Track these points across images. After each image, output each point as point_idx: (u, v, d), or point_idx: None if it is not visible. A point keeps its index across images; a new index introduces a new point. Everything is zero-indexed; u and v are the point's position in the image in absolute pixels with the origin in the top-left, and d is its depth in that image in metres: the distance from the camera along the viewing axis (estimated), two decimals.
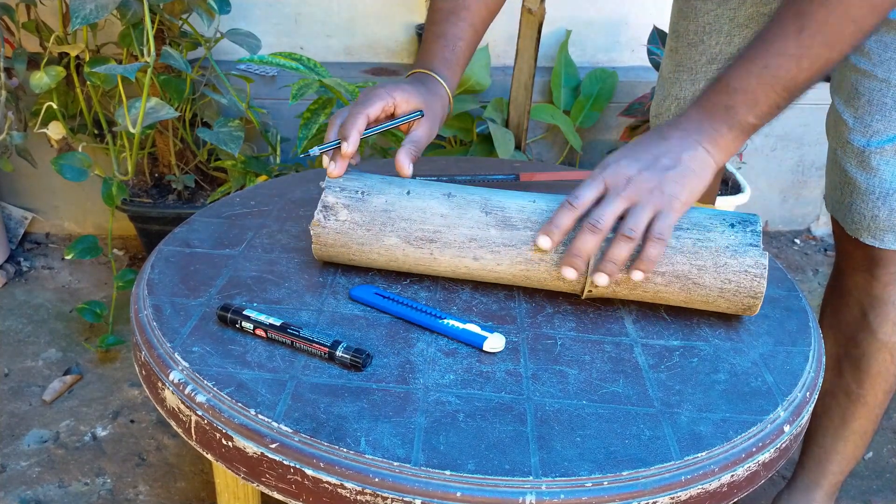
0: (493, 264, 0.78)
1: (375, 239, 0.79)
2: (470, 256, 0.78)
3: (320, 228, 0.80)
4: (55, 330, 1.80)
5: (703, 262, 0.75)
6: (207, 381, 0.66)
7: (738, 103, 0.76)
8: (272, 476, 0.62)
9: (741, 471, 0.63)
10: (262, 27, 2.00)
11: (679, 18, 1.19)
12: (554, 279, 0.78)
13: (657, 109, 1.28)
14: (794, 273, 2.20)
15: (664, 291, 0.77)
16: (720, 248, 0.75)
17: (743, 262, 0.75)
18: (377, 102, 0.84)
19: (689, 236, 0.76)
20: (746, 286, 0.75)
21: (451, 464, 0.59)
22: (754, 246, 0.75)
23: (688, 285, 0.76)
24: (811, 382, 0.74)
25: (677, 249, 0.75)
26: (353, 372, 0.69)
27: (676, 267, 0.75)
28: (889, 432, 1.62)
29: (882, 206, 1.02)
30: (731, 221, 0.77)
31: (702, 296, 0.77)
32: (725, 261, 0.75)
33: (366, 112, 0.83)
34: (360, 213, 0.79)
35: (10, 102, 1.64)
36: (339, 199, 0.80)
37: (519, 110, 1.89)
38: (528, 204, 0.79)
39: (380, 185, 0.81)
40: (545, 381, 0.70)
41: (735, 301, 0.76)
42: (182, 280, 0.82)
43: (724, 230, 0.76)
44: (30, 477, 1.40)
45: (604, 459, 0.61)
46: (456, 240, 0.78)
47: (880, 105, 0.99)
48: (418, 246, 0.79)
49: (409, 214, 0.79)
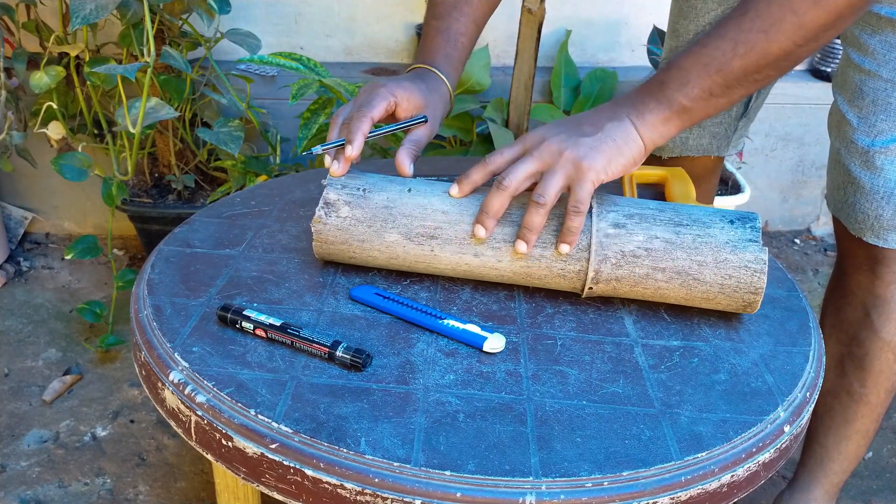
0: (494, 261, 0.78)
1: (376, 235, 0.79)
2: (471, 253, 0.78)
3: (321, 225, 0.80)
4: (55, 330, 1.80)
5: (703, 257, 0.75)
6: (207, 382, 0.66)
7: (670, 79, 0.76)
8: (272, 476, 0.62)
9: (741, 471, 0.63)
10: (262, 27, 2.00)
11: (679, 18, 1.19)
12: (555, 276, 0.78)
13: None
14: (794, 273, 2.20)
15: (665, 288, 0.77)
16: (720, 244, 0.76)
17: (743, 257, 0.75)
18: (380, 103, 0.84)
19: (690, 232, 0.76)
20: (746, 281, 0.75)
21: (452, 464, 0.59)
22: (754, 241, 0.76)
23: (688, 281, 0.76)
24: (811, 382, 0.74)
25: (678, 245, 0.76)
26: (354, 372, 0.69)
27: (677, 263, 0.76)
28: (889, 432, 1.62)
29: (886, 205, 1.02)
30: (730, 218, 0.78)
31: (702, 292, 0.77)
32: (725, 256, 0.75)
33: (370, 115, 0.83)
34: (362, 210, 0.79)
35: (10, 102, 1.64)
36: (341, 195, 0.80)
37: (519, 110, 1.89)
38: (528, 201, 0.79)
39: (381, 182, 0.82)
40: (545, 382, 0.70)
41: (735, 297, 0.76)
42: (182, 280, 0.82)
43: (723, 226, 0.77)
44: (30, 477, 1.40)
45: (604, 460, 0.61)
46: (457, 236, 0.78)
47: (885, 105, 0.99)
48: (419, 242, 0.79)
49: (411, 211, 0.79)
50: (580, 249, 0.77)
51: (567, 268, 0.77)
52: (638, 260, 0.76)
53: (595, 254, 0.76)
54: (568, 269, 0.77)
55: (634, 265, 0.76)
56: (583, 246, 0.76)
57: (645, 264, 0.76)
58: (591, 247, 0.76)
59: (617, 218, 0.77)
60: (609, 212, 0.77)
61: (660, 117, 0.76)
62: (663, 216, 0.77)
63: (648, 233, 0.76)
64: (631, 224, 0.77)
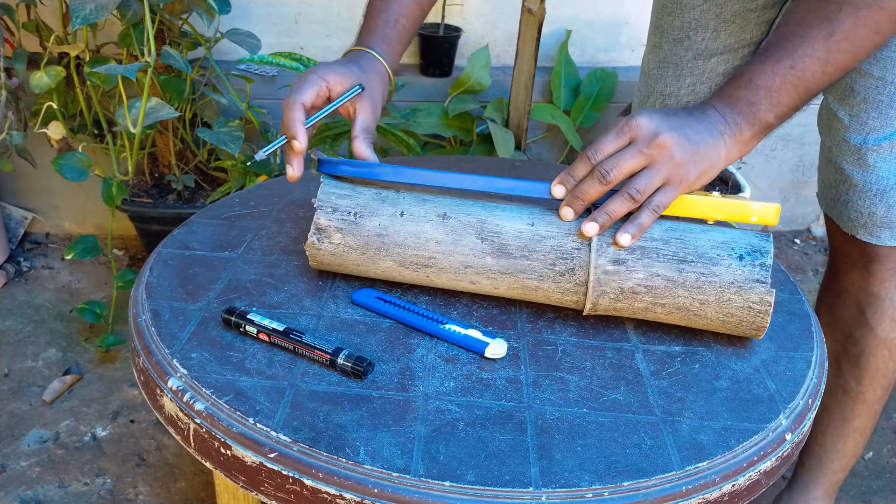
0: (490, 288, 0.78)
1: (371, 262, 0.78)
2: (466, 281, 0.77)
3: (314, 250, 0.79)
4: (55, 330, 1.79)
5: (705, 296, 0.73)
6: (206, 389, 0.66)
7: (761, 100, 0.76)
8: (271, 485, 0.61)
9: (742, 480, 0.63)
10: (262, 27, 2.00)
11: (663, 14, 1.18)
12: (552, 302, 0.78)
13: (640, 107, 1.27)
14: (794, 273, 2.19)
15: (664, 318, 0.76)
16: (724, 284, 0.72)
17: (748, 298, 0.72)
18: (310, 88, 0.81)
19: (694, 270, 0.73)
20: (748, 321, 0.73)
21: (451, 474, 0.59)
22: (761, 283, 0.72)
23: (688, 316, 0.75)
24: (813, 389, 0.73)
25: (680, 284, 0.73)
26: (354, 379, 0.69)
27: (678, 300, 0.74)
28: (889, 432, 1.62)
29: (879, 202, 1.02)
30: (739, 252, 0.73)
31: (702, 325, 0.76)
32: (729, 297, 0.72)
33: (300, 101, 0.80)
34: (354, 237, 0.78)
35: (10, 102, 1.64)
36: (332, 221, 0.78)
37: (519, 110, 1.88)
38: (525, 228, 0.76)
39: (372, 203, 0.78)
40: (546, 389, 0.69)
41: (737, 331, 0.75)
42: (181, 284, 0.82)
43: (730, 263, 0.73)
44: (30, 477, 1.39)
45: (604, 469, 0.60)
46: (451, 266, 0.77)
47: (876, 103, 0.98)
48: (414, 269, 0.78)
49: (403, 240, 0.77)
50: (577, 284, 0.74)
51: (564, 298, 0.76)
52: (637, 296, 0.74)
53: (592, 290, 0.74)
54: (566, 300, 0.76)
55: (633, 300, 0.74)
56: (580, 281, 0.74)
57: (644, 300, 0.74)
58: (588, 283, 0.74)
59: (617, 253, 0.73)
60: (609, 245, 0.74)
61: (749, 136, 0.77)
62: (667, 250, 0.73)
63: (649, 270, 0.73)
64: (632, 260, 0.73)
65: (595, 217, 0.74)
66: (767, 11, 1.09)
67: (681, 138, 0.74)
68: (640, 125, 0.74)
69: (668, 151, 0.73)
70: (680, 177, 0.74)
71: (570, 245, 0.74)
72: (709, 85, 1.17)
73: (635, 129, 0.74)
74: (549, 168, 1.24)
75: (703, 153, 0.75)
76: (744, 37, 1.12)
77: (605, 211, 0.73)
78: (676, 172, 0.74)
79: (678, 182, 0.74)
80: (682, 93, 1.18)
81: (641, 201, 0.73)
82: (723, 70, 1.15)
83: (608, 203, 0.74)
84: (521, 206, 0.78)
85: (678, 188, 0.74)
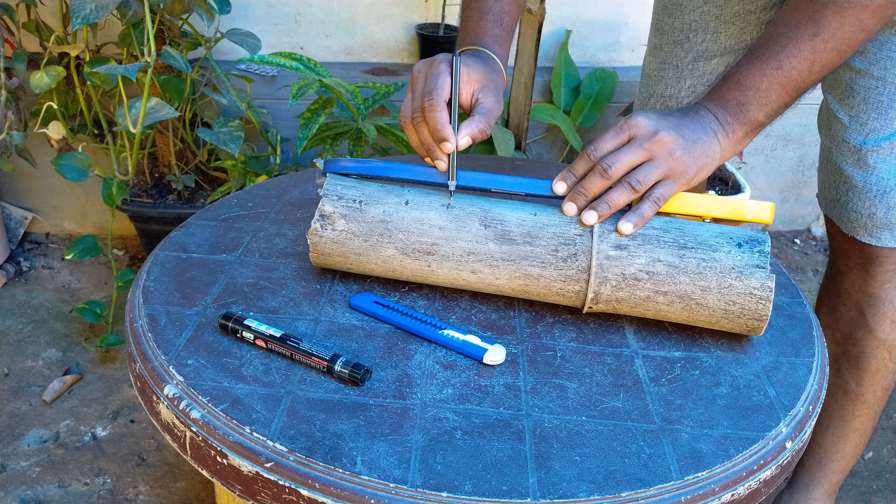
0: (492, 278, 0.77)
1: (373, 250, 0.78)
2: (468, 269, 0.77)
3: (317, 238, 0.79)
4: (55, 330, 1.79)
5: (707, 282, 0.73)
6: (202, 397, 0.65)
7: (750, 100, 0.78)
8: (267, 495, 0.61)
9: (742, 489, 0.63)
10: (262, 27, 1.99)
11: (663, 15, 1.17)
12: (553, 295, 0.77)
13: (640, 109, 1.27)
14: (794, 273, 2.19)
15: (666, 310, 0.76)
16: (725, 270, 0.73)
17: (748, 284, 0.73)
18: (446, 81, 0.80)
19: (694, 256, 0.74)
20: (751, 308, 0.74)
21: (448, 485, 0.58)
22: (761, 268, 0.73)
23: (690, 305, 0.75)
24: (814, 395, 0.73)
25: (681, 269, 0.74)
26: (351, 387, 0.69)
27: (680, 287, 0.74)
28: (889, 432, 1.61)
29: (879, 203, 1.02)
30: (738, 241, 0.75)
31: (705, 316, 0.75)
32: (730, 282, 0.73)
33: (443, 101, 0.79)
34: (358, 224, 0.78)
35: (10, 102, 1.64)
36: (337, 208, 0.78)
37: (519, 110, 1.88)
38: (528, 217, 0.77)
39: (378, 193, 0.80)
40: (544, 396, 0.69)
41: (739, 323, 0.75)
42: (178, 287, 0.81)
43: (730, 250, 0.74)
44: (30, 477, 1.39)
45: (603, 480, 0.60)
46: (454, 253, 0.77)
47: (876, 103, 0.98)
48: (416, 258, 0.78)
49: (407, 226, 0.78)
50: (580, 271, 0.75)
51: (566, 288, 0.76)
52: (639, 283, 0.74)
53: (595, 276, 0.74)
54: (567, 290, 0.76)
55: (635, 288, 0.74)
56: (582, 267, 0.75)
57: (646, 287, 0.74)
58: (590, 269, 0.74)
59: (619, 239, 0.75)
60: (611, 231, 0.75)
61: (742, 135, 0.80)
62: (667, 237, 0.75)
63: (651, 255, 0.74)
64: (633, 246, 0.74)
65: (595, 206, 0.75)
66: (767, 13, 1.09)
67: (678, 136, 0.76)
68: (639, 123, 0.76)
69: (668, 147, 0.75)
70: (679, 171, 0.76)
71: (573, 231, 0.75)
72: (709, 87, 1.16)
73: (634, 127, 0.76)
74: (549, 167, 1.23)
75: (700, 150, 0.77)
76: (744, 38, 1.12)
77: (605, 200, 0.75)
78: (676, 167, 0.76)
79: (678, 176, 0.76)
80: (683, 94, 1.18)
81: (641, 192, 0.75)
82: (723, 72, 1.15)
83: (608, 193, 0.75)
84: (524, 201, 0.80)
85: (678, 182, 0.76)
